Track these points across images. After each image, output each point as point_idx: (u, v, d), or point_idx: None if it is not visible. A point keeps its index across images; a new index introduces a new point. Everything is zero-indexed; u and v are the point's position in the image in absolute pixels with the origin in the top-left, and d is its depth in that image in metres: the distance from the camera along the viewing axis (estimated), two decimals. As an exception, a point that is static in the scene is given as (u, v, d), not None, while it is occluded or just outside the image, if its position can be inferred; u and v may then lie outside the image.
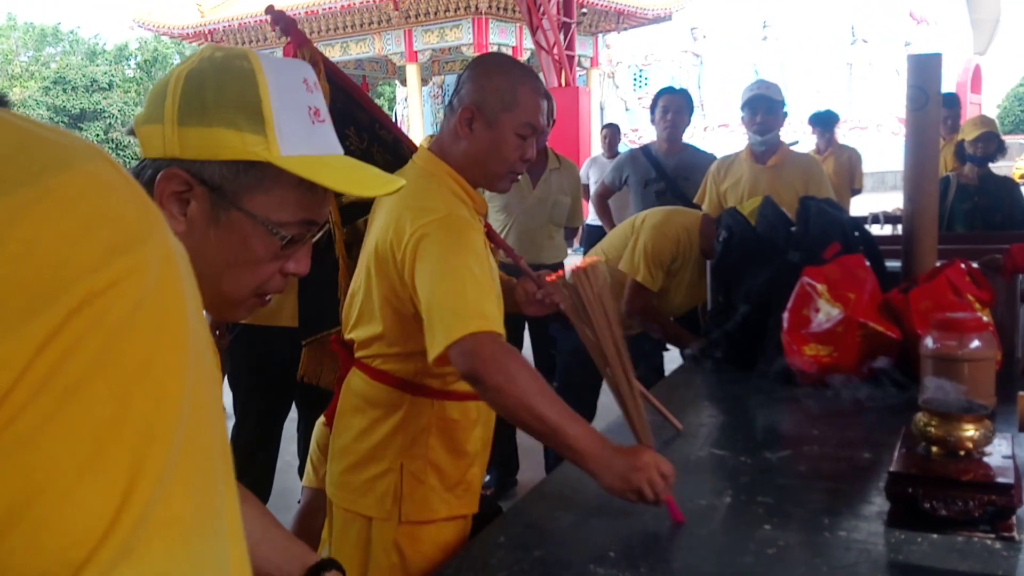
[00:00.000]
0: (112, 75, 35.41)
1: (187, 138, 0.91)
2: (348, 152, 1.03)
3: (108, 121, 32.30)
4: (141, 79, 37.17)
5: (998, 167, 5.03)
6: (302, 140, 0.94)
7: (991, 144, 4.81)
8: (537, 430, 1.53)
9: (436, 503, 1.74)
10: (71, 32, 40.98)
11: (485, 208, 1.82)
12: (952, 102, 6.07)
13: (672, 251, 3.10)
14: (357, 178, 0.98)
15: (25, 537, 0.33)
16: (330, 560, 1.24)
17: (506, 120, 1.70)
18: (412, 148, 2.20)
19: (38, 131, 0.39)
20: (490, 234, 1.96)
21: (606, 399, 3.41)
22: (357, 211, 2.15)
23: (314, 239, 1.01)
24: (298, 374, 2.53)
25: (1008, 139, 5.06)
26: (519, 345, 3.90)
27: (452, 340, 1.54)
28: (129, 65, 39.13)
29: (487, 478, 2.91)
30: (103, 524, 0.34)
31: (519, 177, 1.81)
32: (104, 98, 33.38)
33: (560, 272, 1.84)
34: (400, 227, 1.66)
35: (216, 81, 0.92)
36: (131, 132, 0.97)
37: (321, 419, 2.31)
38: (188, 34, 20.51)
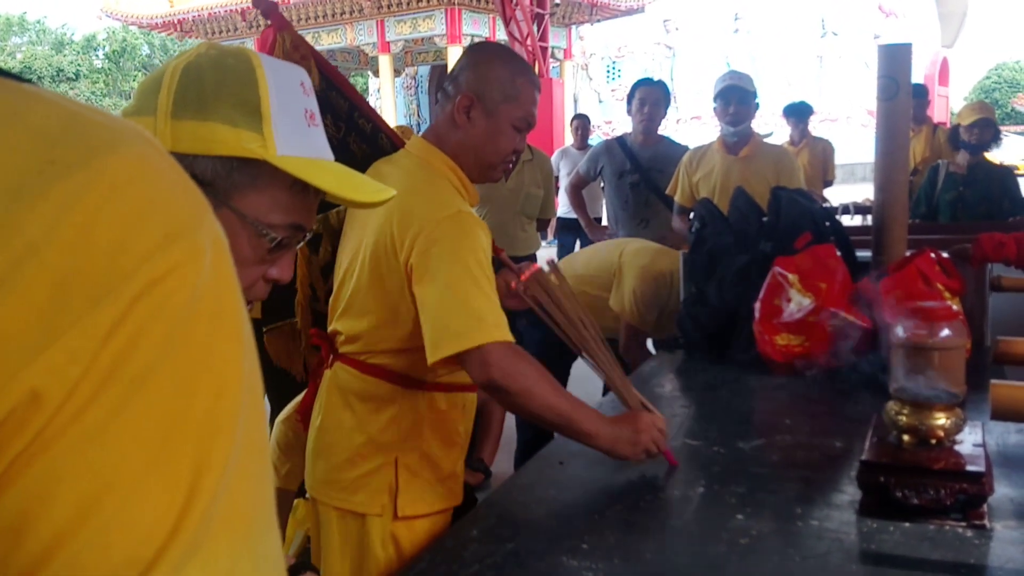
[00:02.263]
0: (79, 65, 34.95)
1: (180, 131, 0.88)
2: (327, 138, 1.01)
3: (75, 112, 31.93)
4: (109, 69, 36.73)
5: None
6: (297, 142, 0.92)
7: (988, 131, 4.70)
8: (554, 423, 1.62)
9: (431, 496, 1.74)
10: (38, 22, 40.42)
11: (477, 200, 1.79)
12: (919, 92, 6.11)
13: (660, 292, 3.10)
14: (351, 183, 0.96)
15: (95, 535, 0.32)
16: (304, 563, 1.23)
17: (505, 111, 1.70)
18: (394, 139, 2.15)
19: (82, 111, 0.38)
20: None
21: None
22: (326, 204, 2.12)
23: (299, 245, 0.98)
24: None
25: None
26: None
27: (467, 347, 1.54)
28: (97, 55, 38.64)
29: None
30: (171, 520, 0.34)
31: (510, 166, 1.81)
32: (71, 88, 32.97)
33: (524, 276, 1.84)
34: (407, 220, 1.61)
35: (215, 76, 0.90)
36: None
37: (280, 417, 2.28)
38: (157, 23, 20.27)
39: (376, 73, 19.52)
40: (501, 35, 15.19)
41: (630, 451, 1.64)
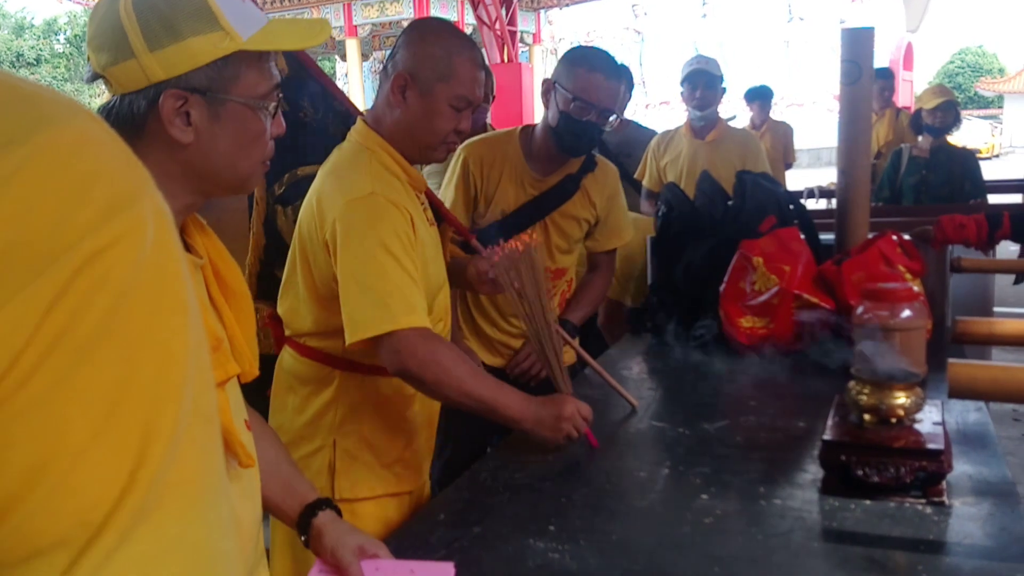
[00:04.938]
0: (40, 50, 34.28)
1: (164, 59, 1.01)
2: (303, 123, 1.11)
3: (36, 97, 31.42)
4: (71, 54, 36.04)
5: None
6: (245, 21, 1.06)
7: (950, 114, 4.74)
8: (474, 409, 1.64)
9: (372, 480, 1.72)
10: (-5, 5, 39.46)
11: (423, 184, 1.78)
12: (887, 75, 6.16)
13: (636, 263, 3.11)
14: (303, 34, 1.13)
15: (42, 501, 0.33)
16: (326, 500, 1.30)
17: (440, 90, 1.66)
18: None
19: (22, 86, 0.37)
20: (442, 210, 1.93)
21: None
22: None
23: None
24: None
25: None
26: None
27: (378, 333, 1.56)
28: (58, 40, 37.88)
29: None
30: (119, 486, 0.34)
31: (456, 148, 1.79)
32: (32, 73, 32.33)
33: (509, 245, 1.83)
34: (323, 205, 1.64)
35: (164, 1, 1.01)
36: (93, 79, 1.06)
37: None
38: (118, 7, 19.90)
39: (344, 57, 19.32)
40: (470, 19, 15.10)
41: (551, 435, 1.67)
